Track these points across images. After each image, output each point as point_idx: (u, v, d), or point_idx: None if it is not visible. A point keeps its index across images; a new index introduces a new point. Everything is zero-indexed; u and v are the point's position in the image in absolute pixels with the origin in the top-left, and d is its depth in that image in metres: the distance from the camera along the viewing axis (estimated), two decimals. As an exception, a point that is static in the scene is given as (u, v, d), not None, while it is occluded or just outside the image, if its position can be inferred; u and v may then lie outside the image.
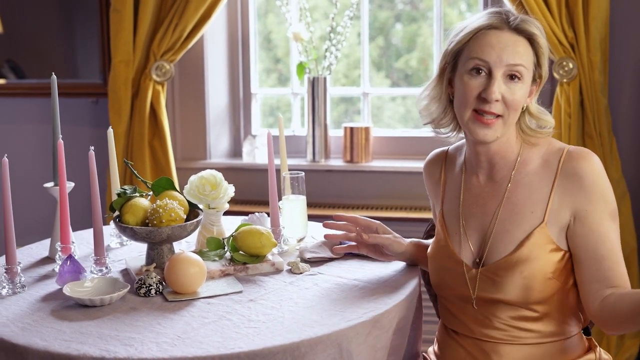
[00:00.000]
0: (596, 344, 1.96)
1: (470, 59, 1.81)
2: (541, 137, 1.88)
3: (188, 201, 2.11)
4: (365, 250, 2.13)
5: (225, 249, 2.14)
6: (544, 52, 1.84)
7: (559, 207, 1.81)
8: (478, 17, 1.85)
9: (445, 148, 2.08)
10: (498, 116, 1.80)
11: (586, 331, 2.02)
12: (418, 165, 3.67)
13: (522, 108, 1.84)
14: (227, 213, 2.32)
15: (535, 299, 1.80)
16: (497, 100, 1.79)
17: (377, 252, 2.12)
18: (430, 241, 2.12)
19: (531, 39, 1.82)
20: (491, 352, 1.86)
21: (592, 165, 1.80)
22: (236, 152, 4.00)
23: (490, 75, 1.79)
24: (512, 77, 1.80)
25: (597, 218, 1.79)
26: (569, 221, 1.81)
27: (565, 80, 3.25)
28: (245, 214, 2.53)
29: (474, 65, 1.81)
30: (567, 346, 1.87)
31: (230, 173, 2.48)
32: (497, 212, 1.86)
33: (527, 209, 1.83)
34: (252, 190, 3.69)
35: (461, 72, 1.84)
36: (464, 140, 1.97)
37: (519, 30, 1.81)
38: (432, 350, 2.08)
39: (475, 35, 1.82)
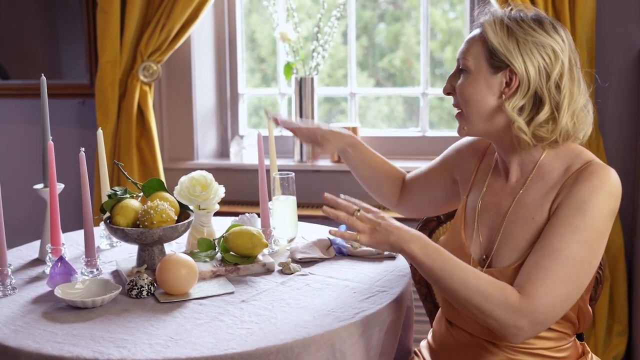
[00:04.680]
0: (589, 350, 1.95)
1: None
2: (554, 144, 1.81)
3: (179, 202, 2.11)
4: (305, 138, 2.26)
5: (216, 250, 2.14)
6: (492, 39, 1.77)
7: None
8: None
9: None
10: (459, 110, 1.85)
11: (579, 336, 2.01)
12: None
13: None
14: (216, 214, 2.32)
15: None
16: (449, 93, 1.86)
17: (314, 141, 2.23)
18: (398, 168, 2.29)
19: (482, 29, 1.81)
20: (482, 350, 1.86)
21: (595, 178, 1.71)
22: (223, 152, 3.99)
23: None
24: (461, 69, 1.83)
25: (561, 218, 1.72)
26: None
27: (551, 79, 3.27)
28: (233, 214, 2.53)
29: None
30: (558, 353, 1.85)
31: (217, 173, 2.48)
32: (507, 214, 1.84)
33: (529, 215, 1.80)
34: (240, 191, 3.69)
35: None
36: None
37: (478, 23, 1.84)
38: (424, 344, 2.09)
39: None
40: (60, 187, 2.18)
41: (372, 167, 2.29)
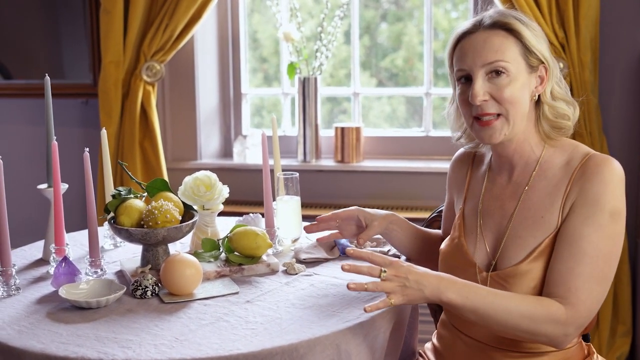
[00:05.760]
0: (594, 350, 1.94)
1: (456, 71, 1.83)
2: (558, 138, 1.85)
3: (183, 202, 2.11)
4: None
5: (221, 250, 2.13)
6: (529, 38, 1.79)
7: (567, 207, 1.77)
8: (459, 25, 1.86)
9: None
10: (498, 115, 1.78)
11: (584, 337, 2.01)
12: (409, 165, 3.69)
13: (534, 99, 1.82)
14: (220, 214, 2.31)
15: None
16: (485, 101, 1.77)
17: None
18: (435, 231, 2.17)
19: (508, 29, 1.78)
20: (488, 355, 1.85)
21: (605, 171, 1.74)
22: (227, 152, 3.99)
23: (472, 79, 1.80)
24: (497, 72, 1.77)
25: (581, 218, 1.74)
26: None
27: (555, 79, 3.27)
28: (236, 214, 2.53)
29: (459, 76, 1.82)
30: (565, 356, 1.85)
31: (221, 173, 2.47)
32: (513, 215, 1.84)
33: (538, 214, 1.80)
34: (243, 191, 3.69)
35: (456, 84, 1.86)
36: None
37: (494, 25, 1.79)
38: (429, 346, 2.08)
39: (457, 46, 1.83)
40: (64, 187, 2.18)
41: (419, 238, 2.17)
